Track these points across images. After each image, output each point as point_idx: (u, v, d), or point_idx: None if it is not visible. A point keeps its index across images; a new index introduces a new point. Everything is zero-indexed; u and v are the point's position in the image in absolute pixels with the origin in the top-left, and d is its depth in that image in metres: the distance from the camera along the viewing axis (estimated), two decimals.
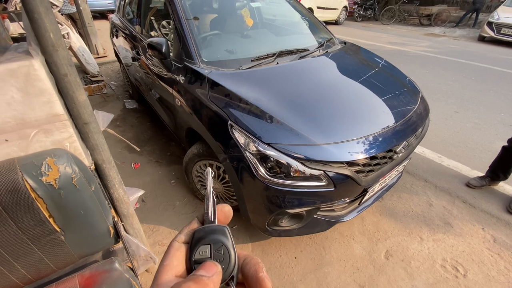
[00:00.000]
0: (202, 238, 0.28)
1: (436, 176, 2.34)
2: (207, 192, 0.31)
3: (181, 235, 0.29)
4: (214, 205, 0.31)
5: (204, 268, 0.26)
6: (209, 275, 0.25)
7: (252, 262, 0.28)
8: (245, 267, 0.28)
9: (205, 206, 0.31)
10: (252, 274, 0.27)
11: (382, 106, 1.61)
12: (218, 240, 0.28)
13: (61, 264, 0.97)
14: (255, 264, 0.28)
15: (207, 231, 0.28)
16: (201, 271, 0.25)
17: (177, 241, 0.29)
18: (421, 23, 10.29)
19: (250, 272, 0.27)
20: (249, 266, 0.27)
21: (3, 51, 0.89)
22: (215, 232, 0.28)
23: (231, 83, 1.57)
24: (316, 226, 1.54)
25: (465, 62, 5.59)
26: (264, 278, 0.26)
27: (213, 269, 0.25)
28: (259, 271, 0.27)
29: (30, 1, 0.71)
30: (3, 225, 0.79)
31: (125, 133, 2.93)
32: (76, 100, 0.83)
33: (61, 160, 0.80)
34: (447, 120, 3.27)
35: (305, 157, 1.28)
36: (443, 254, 1.68)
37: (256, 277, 0.26)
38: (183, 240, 0.29)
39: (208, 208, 0.30)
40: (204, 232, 0.28)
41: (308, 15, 2.57)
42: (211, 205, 0.30)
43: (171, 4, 1.94)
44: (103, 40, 5.63)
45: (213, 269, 0.25)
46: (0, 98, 0.77)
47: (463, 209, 2.01)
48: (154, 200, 2.07)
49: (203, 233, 0.28)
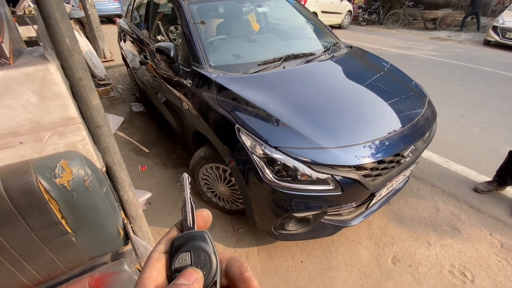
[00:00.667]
0: (181, 245, 0.27)
1: (443, 181, 2.32)
2: (184, 199, 0.30)
3: (160, 245, 0.29)
4: (192, 211, 0.30)
5: (184, 276, 0.25)
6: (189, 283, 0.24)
7: (236, 264, 0.27)
8: (229, 270, 0.27)
9: (182, 212, 0.30)
10: (238, 276, 0.26)
11: (389, 110, 1.61)
12: (198, 246, 0.27)
13: (71, 265, 0.98)
14: (239, 266, 0.27)
15: (186, 238, 0.28)
16: (181, 279, 0.25)
17: (156, 251, 0.28)
18: (426, 27, 10.27)
19: (236, 274, 0.26)
20: (233, 268, 0.27)
21: (18, 55, 0.91)
22: (194, 238, 0.28)
23: (238, 87, 1.58)
24: (323, 230, 1.53)
25: (471, 66, 5.56)
26: (250, 277, 0.26)
27: (193, 276, 0.25)
28: (244, 271, 0.26)
29: (47, 7, 0.73)
30: (16, 226, 0.80)
31: (132, 136, 2.96)
32: (90, 104, 0.85)
33: (74, 162, 0.81)
34: (454, 125, 3.24)
35: (312, 161, 1.28)
36: (451, 260, 1.66)
37: (242, 277, 0.26)
38: (163, 250, 0.28)
39: (186, 215, 0.29)
40: (184, 239, 0.28)
41: (314, 19, 2.59)
42: (189, 211, 0.30)
43: (179, 9, 1.97)
44: (110, 44, 5.72)
45: (193, 276, 0.25)
46: (16, 101, 0.79)
47: (471, 214, 1.99)
48: (160, 202, 2.08)
49: (183, 240, 0.28)
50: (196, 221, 0.30)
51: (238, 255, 1.69)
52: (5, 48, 0.75)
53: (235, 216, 1.93)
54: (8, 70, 0.74)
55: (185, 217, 0.29)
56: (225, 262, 0.28)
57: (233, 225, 1.88)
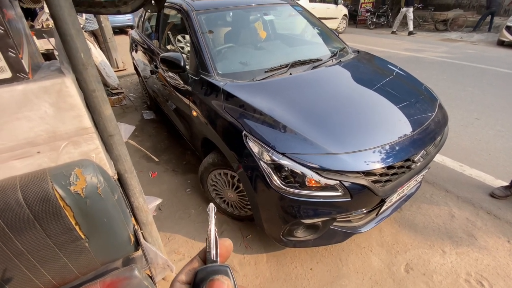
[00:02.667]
0: (204, 278, 0.28)
1: (457, 186, 2.25)
2: (209, 230, 0.31)
3: (181, 275, 0.29)
4: (216, 242, 0.30)
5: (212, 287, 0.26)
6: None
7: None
8: None
9: (207, 244, 0.30)
10: None
11: (399, 115, 1.59)
12: None
13: (84, 270, 1.01)
14: None
15: (210, 272, 0.28)
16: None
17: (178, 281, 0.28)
18: (436, 28, 10.09)
19: None
20: None
21: (37, 69, 0.96)
22: (217, 272, 0.28)
23: (245, 94, 1.60)
24: (333, 237, 1.51)
25: (485, 67, 5.41)
26: None
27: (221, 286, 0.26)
28: None
29: (63, 24, 0.78)
30: (33, 232, 0.84)
31: (143, 142, 3.03)
32: (103, 114, 0.88)
33: (88, 170, 0.85)
34: (468, 128, 3.15)
35: (320, 167, 1.27)
36: (467, 268, 1.60)
37: None
38: (184, 280, 0.29)
39: (210, 246, 0.30)
40: (207, 272, 0.28)
41: (320, 25, 2.60)
42: (213, 242, 0.30)
43: (188, 19, 2.03)
44: (123, 54, 5.91)
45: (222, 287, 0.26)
46: (34, 113, 0.83)
47: (488, 221, 1.91)
48: (170, 208, 2.11)
49: (205, 273, 0.28)
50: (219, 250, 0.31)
51: (247, 261, 1.68)
52: (25, 63, 0.80)
53: (244, 222, 1.94)
54: (27, 84, 0.78)
55: (209, 249, 0.30)
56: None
57: (242, 232, 1.88)
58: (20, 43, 0.86)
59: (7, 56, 0.75)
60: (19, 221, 0.80)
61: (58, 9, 0.75)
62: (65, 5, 0.75)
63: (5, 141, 0.82)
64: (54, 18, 0.76)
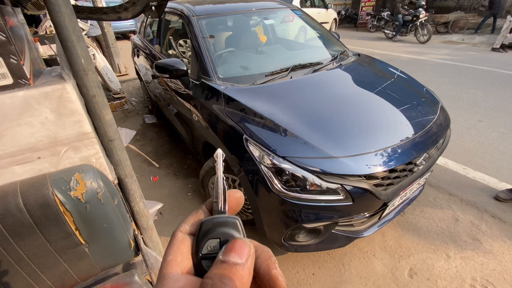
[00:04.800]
0: (210, 230, 0.25)
1: (461, 189, 2.22)
2: (216, 177, 0.27)
3: (185, 224, 0.26)
4: (224, 192, 0.27)
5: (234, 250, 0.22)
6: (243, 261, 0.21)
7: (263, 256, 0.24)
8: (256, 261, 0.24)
9: (214, 193, 0.27)
10: (264, 271, 0.23)
11: (400, 118, 1.58)
12: (229, 235, 0.25)
13: (84, 276, 1.01)
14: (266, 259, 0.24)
15: (216, 223, 0.25)
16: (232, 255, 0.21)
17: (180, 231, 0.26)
18: (437, 31, 10.09)
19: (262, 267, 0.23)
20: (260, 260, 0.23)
21: (38, 75, 0.97)
22: (225, 224, 0.25)
23: (246, 98, 1.60)
24: (335, 241, 1.50)
25: (487, 69, 5.39)
26: (278, 276, 0.22)
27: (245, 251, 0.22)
28: (271, 267, 0.23)
29: (64, 30, 0.78)
30: (33, 238, 0.84)
31: (145, 146, 3.04)
32: (103, 119, 0.89)
33: (88, 176, 0.85)
34: (471, 130, 3.13)
35: (321, 170, 1.27)
36: (473, 273, 1.57)
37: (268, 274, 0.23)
38: (188, 231, 0.26)
39: (217, 196, 0.27)
40: (213, 223, 0.25)
41: (321, 29, 2.61)
42: (221, 192, 0.27)
43: (189, 24, 2.04)
44: (125, 59, 5.97)
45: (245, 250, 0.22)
46: (35, 119, 0.84)
47: (493, 224, 1.89)
48: (172, 212, 2.10)
49: (212, 224, 0.25)
50: (228, 203, 0.27)
51: None
52: (26, 70, 0.80)
53: (245, 227, 1.92)
54: (28, 90, 0.79)
55: (216, 199, 0.27)
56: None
57: None
58: (21, 49, 0.87)
59: (8, 63, 0.76)
60: (19, 227, 0.80)
61: (59, 15, 0.75)
62: (66, 12, 0.76)
63: (6, 147, 0.82)
64: (55, 24, 0.77)
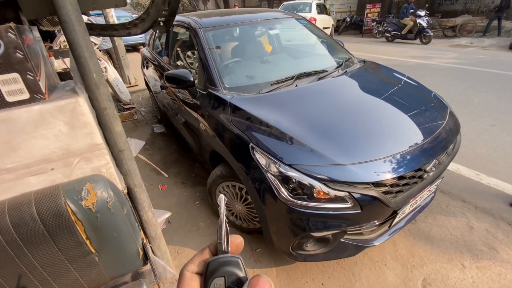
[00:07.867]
0: (216, 270, 0.28)
1: (475, 196, 2.16)
2: (220, 221, 0.30)
3: (192, 265, 0.29)
4: (227, 234, 0.30)
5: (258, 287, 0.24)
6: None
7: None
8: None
9: (218, 235, 0.30)
10: None
11: (408, 124, 1.56)
12: (232, 273, 0.28)
13: (94, 285, 1.02)
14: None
15: (221, 262, 0.28)
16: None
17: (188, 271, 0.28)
18: (445, 35, 10.01)
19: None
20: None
21: (53, 90, 1.02)
22: (229, 264, 0.28)
23: (252, 107, 1.62)
24: (344, 250, 1.47)
25: (498, 72, 5.28)
26: None
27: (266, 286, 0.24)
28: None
29: (77, 47, 0.83)
30: (46, 247, 0.86)
31: (153, 156, 3.09)
32: (113, 130, 0.92)
33: (99, 185, 0.87)
34: (483, 135, 3.05)
35: (328, 178, 1.26)
36: (490, 284, 1.51)
37: None
38: (194, 270, 0.28)
39: (221, 237, 0.30)
40: (218, 263, 0.28)
41: (325, 37, 2.63)
42: (224, 234, 0.30)
43: (196, 36, 2.10)
44: (135, 70, 6.13)
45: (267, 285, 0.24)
46: (50, 132, 0.87)
47: (510, 232, 1.82)
48: (180, 221, 2.11)
49: (217, 264, 0.28)
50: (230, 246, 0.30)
51: None
52: (42, 85, 0.84)
53: (253, 236, 1.91)
54: (43, 104, 0.83)
55: (220, 240, 0.30)
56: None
57: (251, 245, 1.85)
58: (38, 65, 0.91)
59: (25, 79, 0.80)
60: (33, 236, 0.82)
61: (73, 34, 0.79)
62: (79, 30, 0.80)
63: (22, 159, 0.86)
64: (69, 42, 0.81)
